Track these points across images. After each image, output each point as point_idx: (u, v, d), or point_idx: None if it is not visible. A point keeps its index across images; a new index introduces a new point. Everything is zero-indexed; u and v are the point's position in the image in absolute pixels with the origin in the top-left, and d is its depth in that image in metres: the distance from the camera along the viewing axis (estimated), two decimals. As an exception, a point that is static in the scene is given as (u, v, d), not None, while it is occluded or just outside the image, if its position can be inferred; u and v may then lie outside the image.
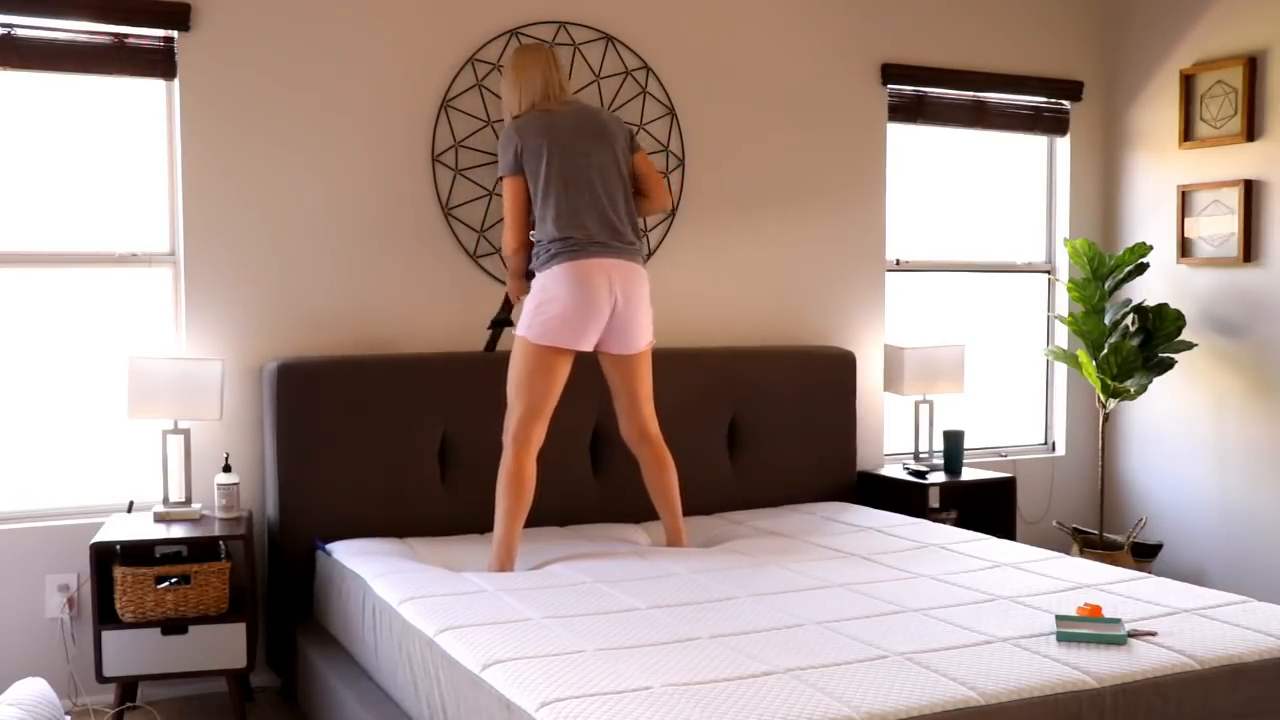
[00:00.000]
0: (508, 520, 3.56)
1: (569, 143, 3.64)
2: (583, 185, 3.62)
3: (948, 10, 5.12)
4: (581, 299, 3.55)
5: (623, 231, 3.66)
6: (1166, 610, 2.91)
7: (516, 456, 3.61)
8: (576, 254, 3.56)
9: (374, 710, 3.01)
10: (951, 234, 5.32)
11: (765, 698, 2.27)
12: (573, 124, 3.68)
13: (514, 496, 3.57)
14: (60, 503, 3.91)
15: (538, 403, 3.62)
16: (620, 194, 3.70)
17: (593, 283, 3.56)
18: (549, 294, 3.58)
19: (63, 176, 3.90)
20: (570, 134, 3.66)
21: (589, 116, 3.73)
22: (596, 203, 3.63)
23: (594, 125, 3.71)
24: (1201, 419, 5.11)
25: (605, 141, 3.70)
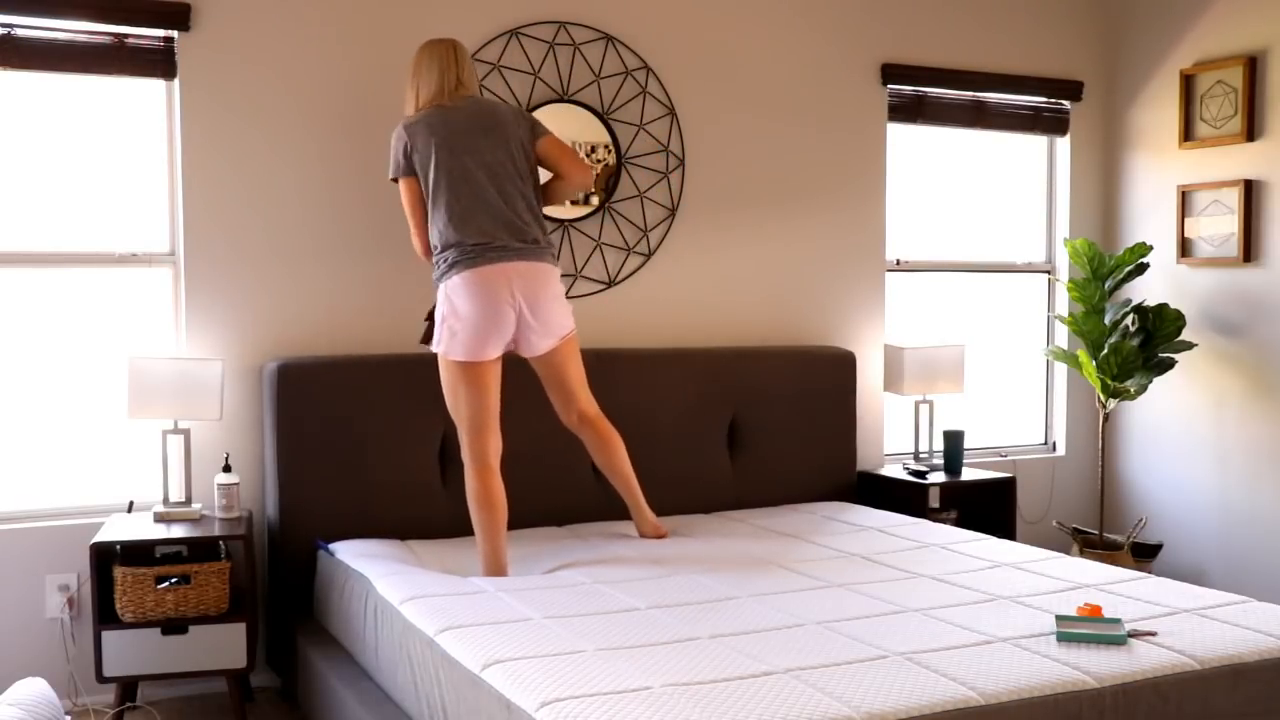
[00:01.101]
0: (488, 536, 3.50)
1: (457, 141, 3.50)
2: (473, 185, 3.49)
3: (948, 10, 5.12)
4: (482, 310, 3.45)
5: (522, 230, 3.51)
6: (1166, 610, 2.91)
7: (479, 475, 3.54)
8: (473, 262, 3.44)
9: (374, 710, 3.01)
10: (951, 234, 5.32)
11: (765, 698, 2.27)
12: (463, 121, 3.53)
13: (487, 514, 3.50)
14: (60, 503, 3.91)
15: (477, 415, 3.53)
16: (518, 191, 3.55)
17: (492, 291, 3.44)
18: (451, 307, 3.48)
19: (63, 176, 3.90)
20: (460, 132, 3.51)
21: (482, 112, 3.58)
22: (489, 204, 3.49)
23: (486, 120, 3.55)
24: (1201, 419, 5.11)
25: (498, 136, 3.54)
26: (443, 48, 3.66)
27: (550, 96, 4.40)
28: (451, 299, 3.48)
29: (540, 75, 4.39)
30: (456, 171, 3.49)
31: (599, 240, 4.50)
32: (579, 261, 4.48)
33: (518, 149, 3.58)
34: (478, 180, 3.50)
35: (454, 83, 3.61)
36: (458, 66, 3.63)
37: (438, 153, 3.50)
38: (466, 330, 3.47)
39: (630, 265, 4.57)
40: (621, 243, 4.55)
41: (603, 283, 4.53)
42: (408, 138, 3.55)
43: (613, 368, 4.33)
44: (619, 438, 3.83)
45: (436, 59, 3.63)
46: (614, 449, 3.80)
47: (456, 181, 3.49)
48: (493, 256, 3.45)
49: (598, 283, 4.52)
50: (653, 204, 4.59)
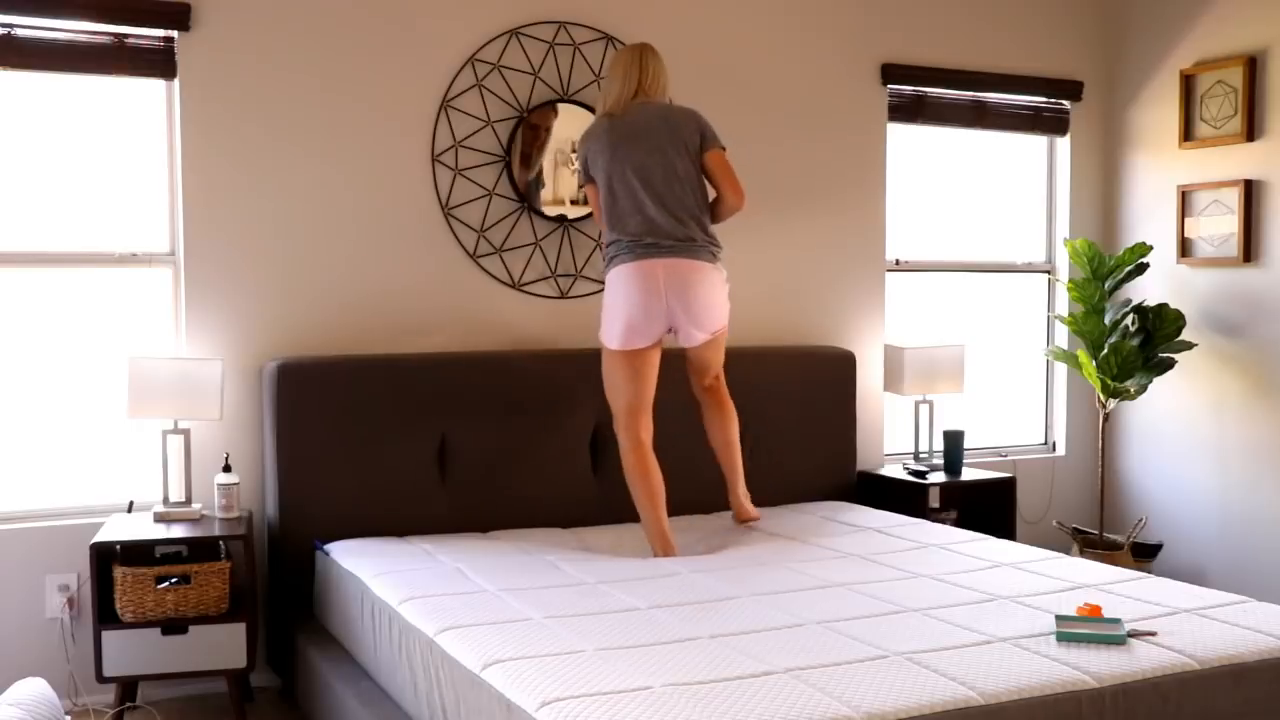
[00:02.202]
0: (648, 510, 3.71)
1: (621, 148, 3.73)
2: (631, 188, 3.71)
3: (948, 10, 5.12)
4: (633, 301, 3.68)
5: (673, 230, 3.69)
6: (1166, 610, 2.91)
7: (635, 452, 3.75)
8: (628, 257, 3.70)
9: (374, 710, 3.01)
10: (951, 234, 5.32)
11: (765, 698, 2.27)
12: (632, 128, 3.75)
13: (644, 488, 3.71)
14: (60, 503, 3.91)
15: (632, 400, 3.77)
16: (676, 193, 3.71)
17: (642, 284, 3.68)
18: (608, 299, 3.77)
19: (63, 176, 3.90)
20: (623, 138, 3.74)
21: (650, 117, 3.76)
22: (641, 205, 3.70)
23: (651, 126, 3.74)
24: (1201, 419, 5.11)
25: (658, 142, 3.72)
26: (631, 55, 3.85)
27: (550, 96, 4.40)
28: (608, 292, 3.76)
29: (540, 75, 4.39)
30: (618, 176, 3.73)
31: (599, 240, 4.50)
32: (579, 261, 4.48)
33: (681, 153, 3.74)
34: (636, 183, 3.71)
35: (633, 90, 3.81)
36: (640, 73, 3.82)
37: (605, 159, 3.76)
38: (619, 320, 3.71)
39: (630, 265, 4.56)
40: (621, 243, 4.54)
41: (603, 283, 4.52)
42: (584, 148, 3.85)
43: (613, 368, 4.33)
44: (734, 411, 4.04)
45: (622, 67, 3.84)
46: (728, 419, 4.01)
47: (618, 185, 3.74)
48: (642, 252, 3.68)
49: (598, 283, 4.52)
50: (653, 204, 4.58)
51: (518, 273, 4.40)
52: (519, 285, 4.40)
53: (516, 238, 4.39)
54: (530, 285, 4.42)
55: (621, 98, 3.81)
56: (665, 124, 3.75)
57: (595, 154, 3.79)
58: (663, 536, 3.69)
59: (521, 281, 4.41)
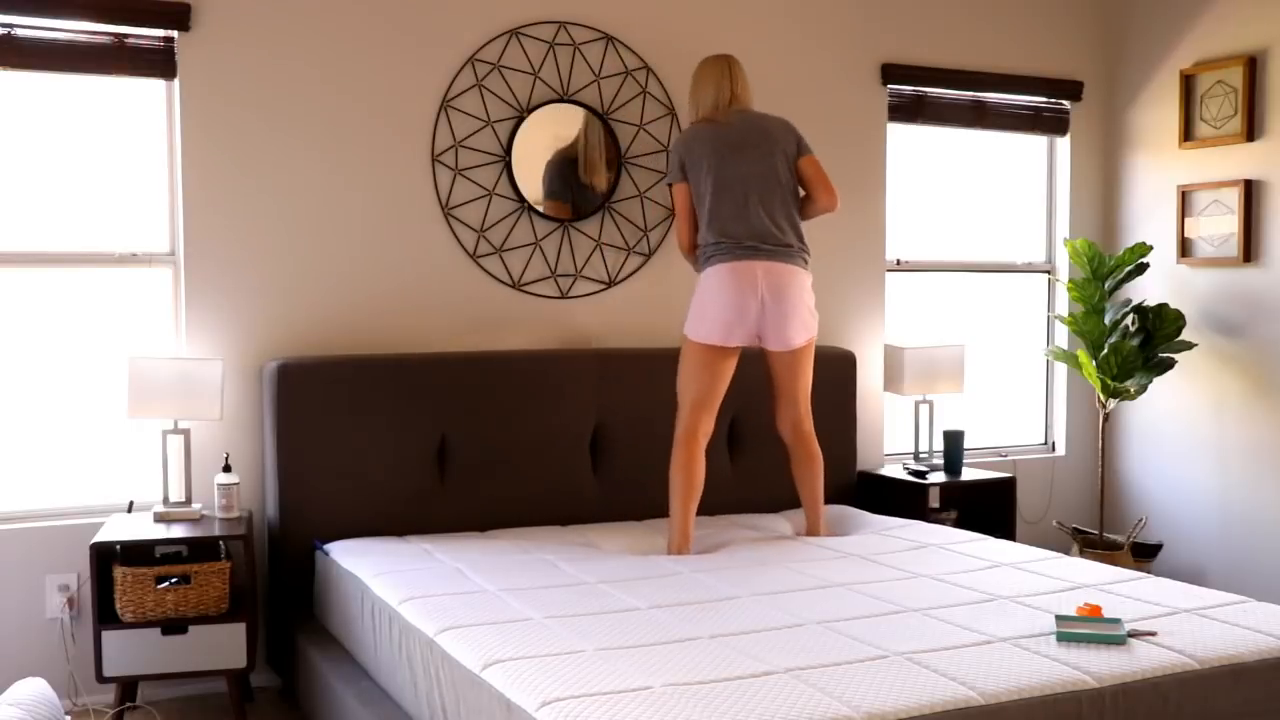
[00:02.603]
0: (679, 505, 3.77)
1: (727, 154, 3.82)
2: (735, 193, 3.80)
3: (948, 10, 5.12)
4: (728, 299, 3.74)
5: (775, 234, 3.80)
6: (1166, 610, 2.91)
7: (686, 446, 3.82)
8: (728, 256, 3.76)
9: (374, 710, 3.01)
10: (951, 234, 5.32)
11: (765, 698, 2.27)
12: (734, 135, 3.85)
13: (683, 483, 3.78)
14: (60, 503, 3.91)
15: (702, 396, 3.84)
16: (776, 199, 3.83)
17: (739, 283, 3.74)
18: (702, 295, 3.80)
19: (63, 176, 3.90)
20: (729, 145, 3.83)
21: (753, 126, 3.88)
22: (746, 210, 3.79)
23: (754, 135, 3.86)
24: (1201, 419, 5.11)
25: (764, 149, 3.84)
26: (720, 64, 3.96)
27: (550, 96, 4.40)
28: (703, 288, 3.80)
29: (540, 75, 4.39)
30: (722, 180, 3.81)
31: (599, 240, 4.50)
32: (579, 261, 4.48)
33: (781, 161, 3.86)
34: (739, 189, 3.80)
35: (728, 97, 3.92)
36: (732, 82, 3.94)
37: (707, 165, 3.82)
38: (713, 317, 3.76)
39: (630, 265, 4.57)
40: (621, 243, 4.55)
41: (603, 283, 4.53)
42: (683, 152, 3.88)
43: (613, 368, 4.33)
44: (822, 460, 4.06)
45: (714, 75, 3.94)
46: (817, 469, 4.04)
47: (721, 189, 3.80)
48: (743, 254, 3.76)
49: (598, 283, 4.52)
50: (653, 204, 4.59)
51: (518, 273, 4.40)
52: (519, 285, 4.40)
53: (516, 238, 4.39)
54: (530, 285, 4.42)
55: (719, 104, 3.92)
56: (766, 132, 3.88)
57: (698, 157, 3.84)
58: (684, 533, 3.76)
59: (521, 281, 4.41)
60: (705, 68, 3.98)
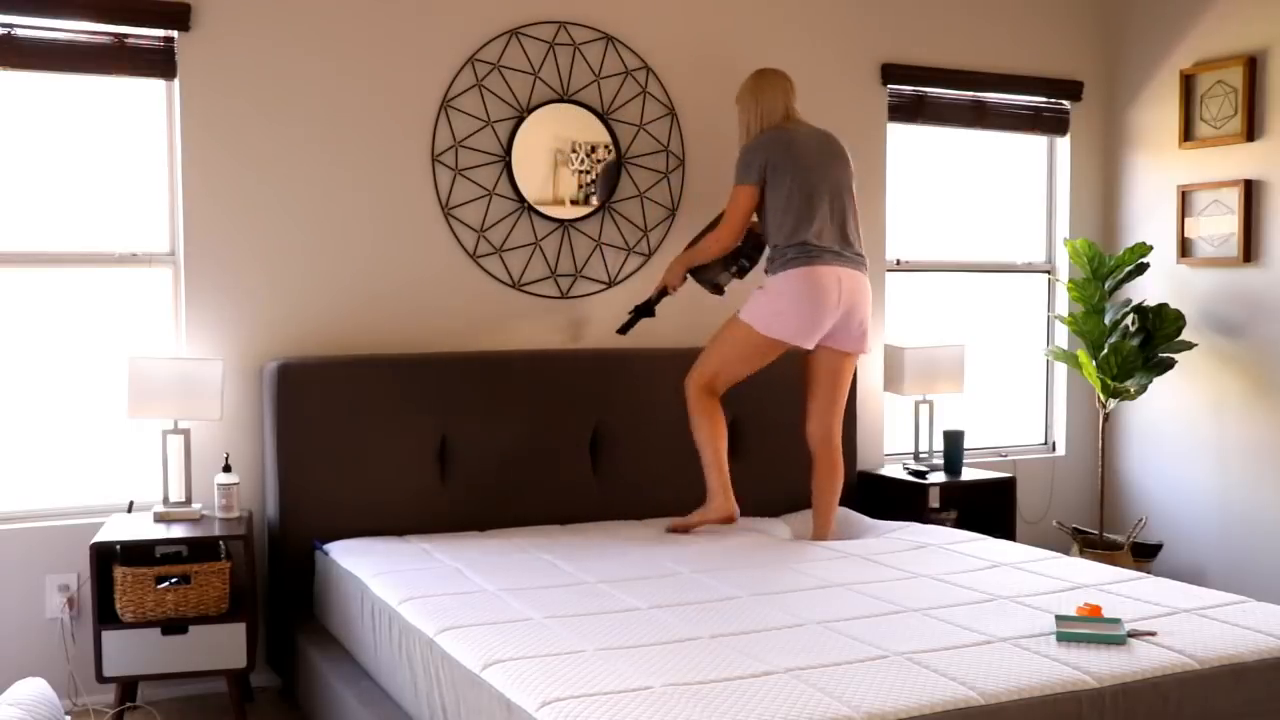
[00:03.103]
0: (711, 453, 3.93)
1: (812, 160, 3.91)
2: (822, 199, 3.88)
3: (948, 10, 5.12)
4: (812, 301, 3.81)
5: (852, 243, 3.93)
6: (1166, 610, 2.91)
7: (704, 398, 3.97)
8: (812, 260, 3.82)
9: (374, 710, 3.01)
10: (951, 234, 5.32)
11: (765, 698, 2.27)
12: (815, 144, 3.96)
13: (710, 425, 3.95)
14: (60, 503, 3.91)
15: (732, 377, 3.98)
16: (851, 210, 3.96)
17: (824, 286, 3.82)
18: (784, 293, 3.84)
19: (63, 176, 3.90)
20: (813, 153, 3.93)
21: (827, 139, 4.01)
22: (832, 215, 3.89)
23: (833, 147, 3.99)
24: (1201, 419, 5.11)
25: (842, 161, 3.99)
26: (781, 78, 4.08)
27: (550, 96, 4.40)
28: (786, 287, 3.85)
29: (540, 75, 4.39)
30: (807, 185, 3.88)
31: (599, 240, 4.50)
32: (579, 261, 4.48)
33: (851, 176, 4.02)
34: (823, 195, 3.89)
35: (794, 110, 4.05)
36: (793, 96, 4.07)
37: (795, 169, 3.88)
38: (794, 317, 3.83)
39: (630, 265, 4.57)
40: (621, 243, 4.55)
41: (603, 283, 4.53)
42: (767, 154, 3.93)
43: (613, 368, 4.33)
44: (842, 472, 4.14)
45: (780, 86, 4.05)
46: (838, 481, 4.11)
47: (804, 193, 3.87)
48: (828, 258, 3.85)
49: (598, 283, 4.52)
50: (653, 204, 4.59)
51: (518, 273, 4.40)
52: (519, 285, 4.40)
53: (516, 238, 4.39)
54: (530, 285, 4.42)
55: (789, 114, 4.02)
56: (838, 145, 4.01)
57: (780, 160, 3.89)
58: (725, 491, 3.92)
59: (521, 281, 4.41)
60: (767, 80, 4.06)
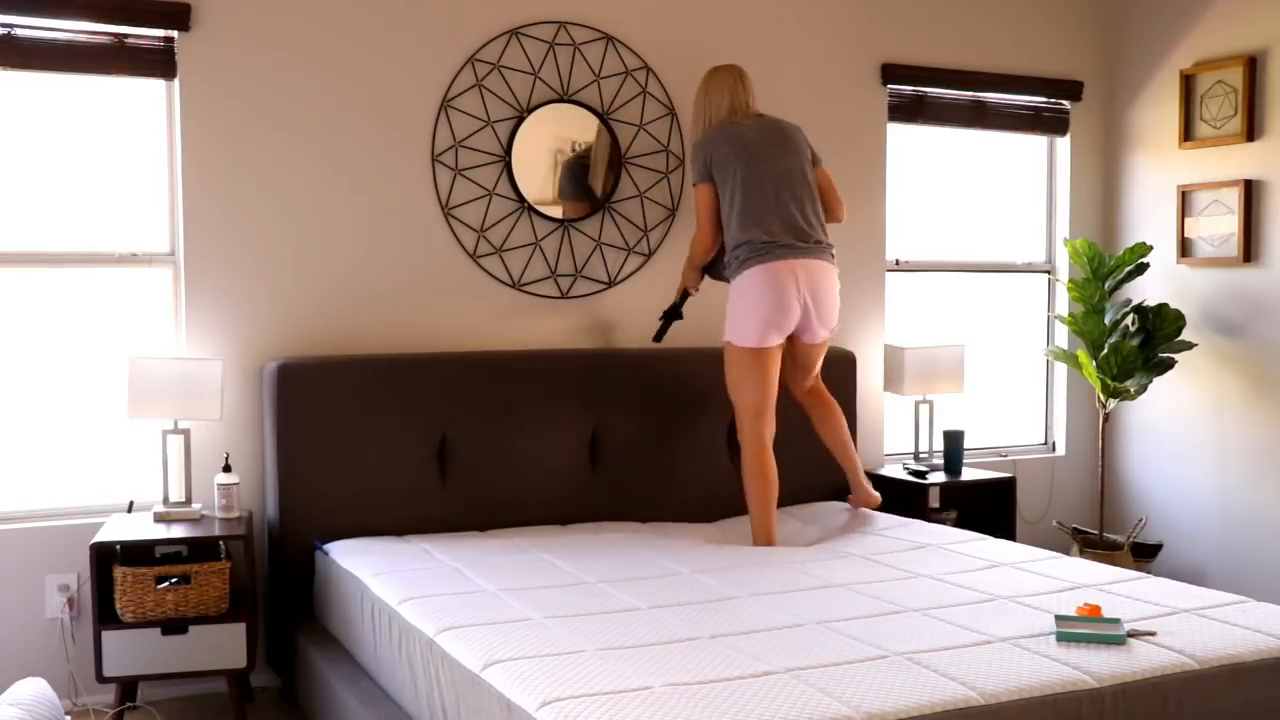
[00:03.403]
0: (761, 510, 3.90)
1: (755, 153, 3.89)
2: (767, 190, 3.86)
3: (948, 10, 5.12)
4: (774, 300, 3.80)
5: (808, 231, 3.89)
6: (1166, 610, 2.91)
7: (758, 456, 3.91)
8: (764, 257, 3.80)
9: (374, 710, 3.01)
10: (951, 234, 5.32)
11: (765, 698, 2.27)
12: (759, 135, 3.93)
13: (761, 489, 3.90)
14: (60, 503, 3.91)
15: (760, 400, 3.91)
16: (805, 196, 3.92)
17: (782, 283, 3.80)
18: (743, 299, 3.85)
19: (63, 176, 3.90)
20: (756, 145, 3.91)
21: (774, 128, 3.98)
22: (780, 206, 3.86)
23: (778, 136, 3.96)
24: (1201, 419, 5.11)
25: (789, 149, 3.95)
26: (731, 73, 4.06)
27: (550, 96, 4.40)
28: (746, 291, 3.84)
29: (540, 75, 4.39)
30: (751, 179, 3.87)
31: (599, 240, 4.50)
32: (579, 261, 4.48)
33: (807, 163, 3.98)
34: (772, 186, 3.86)
35: (744, 104, 4.02)
36: (745, 90, 4.04)
37: (736, 163, 3.88)
38: (757, 319, 3.82)
39: (630, 265, 4.57)
40: (621, 243, 4.55)
41: (603, 283, 4.53)
42: (709, 151, 3.93)
43: (613, 368, 4.33)
44: (839, 408, 4.22)
45: (726, 83, 4.03)
46: (837, 415, 4.20)
47: (750, 188, 3.86)
48: (781, 253, 3.81)
49: (598, 283, 4.52)
50: (653, 204, 4.59)
51: (518, 273, 4.40)
52: (519, 285, 4.41)
53: (516, 238, 4.39)
54: (530, 285, 4.42)
55: (736, 109, 4.00)
56: (787, 133, 3.99)
57: (726, 157, 3.89)
58: (768, 533, 3.89)
59: (521, 281, 4.41)
60: (716, 77, 4.06)
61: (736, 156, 3.88)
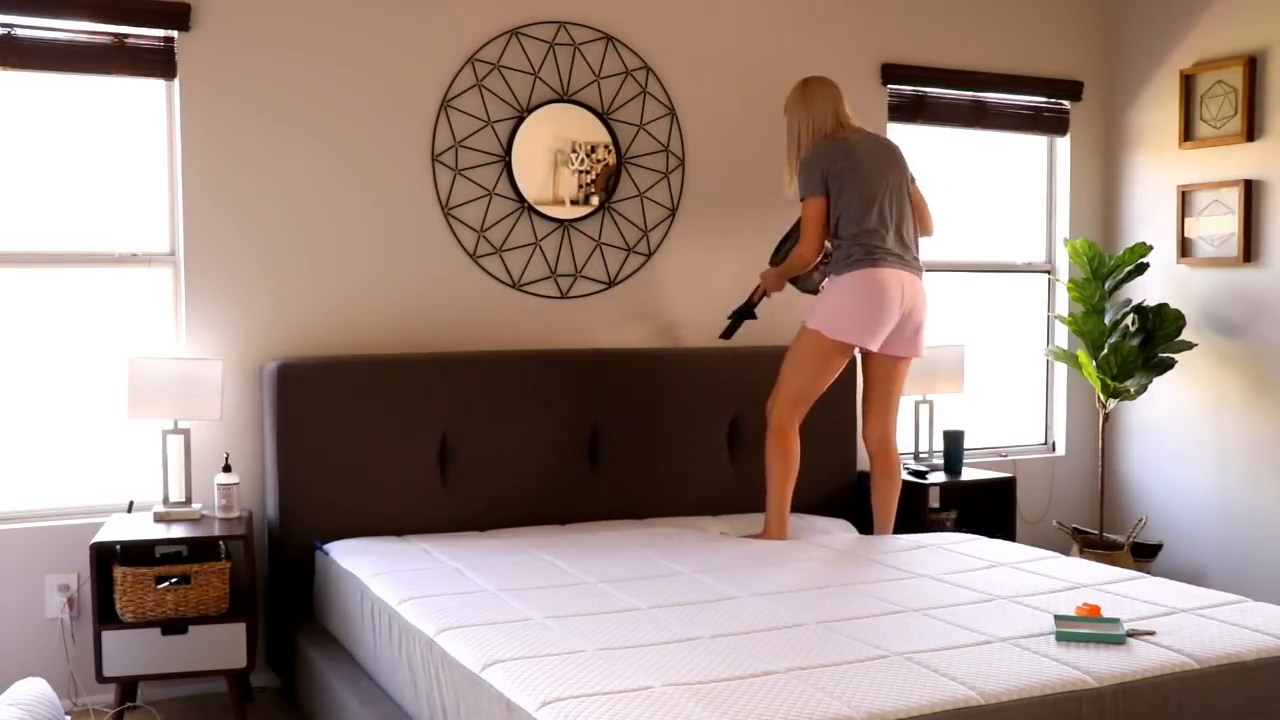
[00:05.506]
0: (778, 488, 3.95)
1: (869, 166, 3.95)
2: (881, 203, 3.92)
3: (948, 10, 5.12)
4: (876, 302, 3.86)
5: (910, 247, 3.99)
6: (1166, 610, 2.92)
7: (784, 433, 3.98)
8: (876, 262, 3.87)
9: (374, 710, 3.01)
10: (951, 234, 5.31)
11: (765, 697, 2.27)
12: (870, 150, 3.99)
13: (783, 465, 3.96)
14: (60, 503, 3.91)
15: (809, 389, 3.98)
16: (908, 214, 4.01)
17: (887, 289, 3.87)
18: (848, 295, 3.88)
19: (63, 176, 3.90)
20: (869, 159, 3.96)
21: (882, 144, 4.06)
22: (892, 220, 3.93)
23: (888, 151, 4.04)
24: (1201, 419, 5.11)
25: (898, 166, 4.03)
26: (830, 86, 4.10)
27: (550, 96, 4.40)
28: (850, 289, 3.88)
29: (540, 75, 4.39)
30: (870, 192, 3.92)
31: (599, 240, 4.50)
32: (579, 261, 4.48)
33: (907, 180, 4.06)
34: (884, 199, 3.94)
35: (846, 117, 4.06)
36: (844, 104, 4.08)
37: (853, 177, 3.92)
38: (856, 315, 3.86)
39: (630, 265, 4.57)
40: (621, 243, 4.55)
41: (603, 283, 4.53)
42: (825, 165, 3.96)
43: (613, 368, 4.33)
44: (900, 479, 4.24)
45: (829, 97, 4.07)
46: (896, 481, 4.20)
47: (866, 200, 3.91)
48: (890, 261, 3.90)
49: (598, 283, 4.52)
50: (653, 204, 4.59)
51: (518, 273, 4.40)
52: (519, 285, 4.41)
53: (516, 238, 4.39)
54: (530, 285, 4.42)
55: (843, 122, 4.04)
56: (892, 151, 4.05)
57: (841, 170, 3.92)
58: (782, 519, 3.93)
59: (521, 281, 4.41)
60: (819, 90, 4.08)
61: (853, 171, 3.92)
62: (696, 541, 3.85)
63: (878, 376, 4.11)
